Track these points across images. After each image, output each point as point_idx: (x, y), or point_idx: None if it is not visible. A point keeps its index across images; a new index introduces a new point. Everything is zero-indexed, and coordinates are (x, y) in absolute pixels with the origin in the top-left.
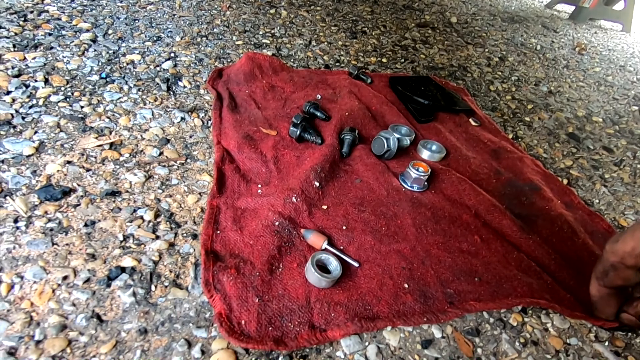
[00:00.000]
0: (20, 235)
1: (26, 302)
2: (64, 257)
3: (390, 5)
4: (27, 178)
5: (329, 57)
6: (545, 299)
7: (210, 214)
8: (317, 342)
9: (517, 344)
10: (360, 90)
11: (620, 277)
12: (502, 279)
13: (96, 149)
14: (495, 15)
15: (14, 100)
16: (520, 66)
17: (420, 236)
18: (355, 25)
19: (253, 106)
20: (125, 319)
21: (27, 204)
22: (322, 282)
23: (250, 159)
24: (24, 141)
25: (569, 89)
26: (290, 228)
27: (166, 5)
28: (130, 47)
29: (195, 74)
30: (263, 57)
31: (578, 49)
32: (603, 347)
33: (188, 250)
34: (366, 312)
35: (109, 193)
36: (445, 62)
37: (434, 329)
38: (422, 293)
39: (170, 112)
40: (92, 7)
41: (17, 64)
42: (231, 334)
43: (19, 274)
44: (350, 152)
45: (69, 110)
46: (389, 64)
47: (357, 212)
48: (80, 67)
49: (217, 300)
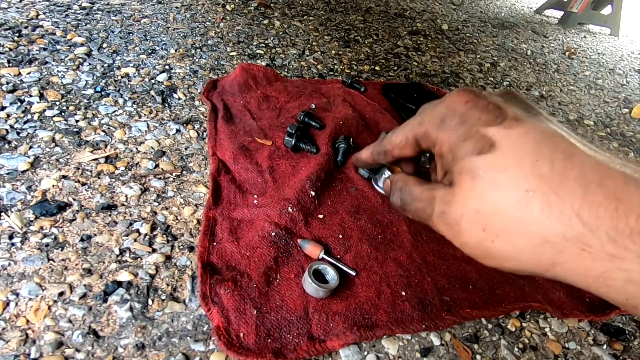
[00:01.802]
0: (16, 252)
1: (22, 320)
2: (59, 273)
3: (382, 14)
4: (22, 193)
5: (323, 67)
6: (537, 301)
7: (207, 225)
8: (317, 353)
9: (516, 350)
10: (354, 98)
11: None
12: (494, 284)
13: (91, 162)
14: (486, 21)
15: (9, 115)
16: (512, 71)
17: (416, 243)
18: (348, 34)
19: (248, 117)
20: (122, 334)
21: (22, 219)
22: (320, 292)
23: (246, 170)
24: (19, 156)
25: (560, 93)
26: (287, 238)
27: (160, 18)
28: (124, 61)
29: (190, 85)
30: (257, 68)
31: (568, 53)
32: (601, 351)
33: (185, 263)
34: (365, 321)
35: (105, 207)
36: (438, 69)
37: (433, 336)
38: (420, 300)
39: (166, 124)
40: (86, 21)
41: (12, 79)
42: (230, 347)
43: (15, 291)
44: (345, 160)
45: (64, 124)
46: (382, 71)
47: (353, 221)
48: (75, 81)
49: (214, 313)
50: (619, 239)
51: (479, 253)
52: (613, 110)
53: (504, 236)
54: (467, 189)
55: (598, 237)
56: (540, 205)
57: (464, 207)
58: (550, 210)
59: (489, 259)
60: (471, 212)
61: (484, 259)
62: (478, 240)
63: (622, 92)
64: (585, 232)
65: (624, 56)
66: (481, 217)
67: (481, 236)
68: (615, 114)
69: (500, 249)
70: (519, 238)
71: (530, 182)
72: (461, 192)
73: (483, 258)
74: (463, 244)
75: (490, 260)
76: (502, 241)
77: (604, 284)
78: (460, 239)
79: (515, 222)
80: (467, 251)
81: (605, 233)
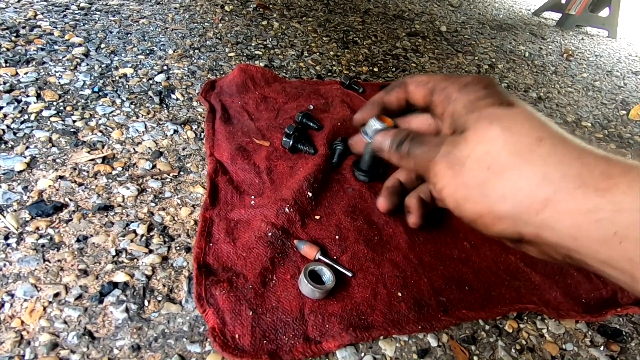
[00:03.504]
0: (11, 253)
1: (16, 321)
2: (55, 274)
3: (380, 16)
4: (18, 194)
5: (321, 68)
6: (533, 303)
7: (203, 226)
8: (313, 354)
9: (513, 351)
10: (352, 99)
11: (393, 98)
12: (490, 286)
13: (88, 163)
14: (484, 23)
15: (6, 115)
16: (510, 73)
17: (412, 244)
18: (347, 36)
19: (246, 117)
20: (118, 335)
21: (18, 220)
22: (316, 293)
23: (243, 170)
24: (15, 157)
25: (557, 94)
26: (284, 239)
27: (159, 18)
28: (122, 61)
29: (188, 86)
30: (255, 69)
31: (566, 55)
32: (599, 352)
33: (181, 264)
34: (361, 321)
35: (102, 207)
36: (436, 70)
37: (430, 337)
38: (416, 301)
39: (163, 124)
40: (84, 21)
41: (9, 79)
42: (225, 349)
43: (9, 292)
44: (341, 161)
45: (61, 124)
46: (381, 73)
47: (350, 221)
48: (72, 82)
49: (210, 315)
50: (615, 176)
51: (474, 194)
52: (610, 112)
53: (509, 173)
54: (481, 133)
55: (593, 176)
56: (548, 149)
57: (473, 149)
58: (555, 154)
59: (481, 200)
60: (480, 153)
61: (475, 203)
62: (478, 180)
63: (620, 94)
64: (583, 172)
65: (621, 58)
66: (488, 158)
67: (483, 176)
68: (612, 116)
69: (499, 186)
70: (521, 176)
71: (542, 132)
72: (474, 135)
73: (475, 201)
74: (459, 185)
75: (482, 201)
76: (505, 178)
77: (593, 220)
78: (459, 179)
79: (523, 162)
80: (460, 194)
81: (601, 172)
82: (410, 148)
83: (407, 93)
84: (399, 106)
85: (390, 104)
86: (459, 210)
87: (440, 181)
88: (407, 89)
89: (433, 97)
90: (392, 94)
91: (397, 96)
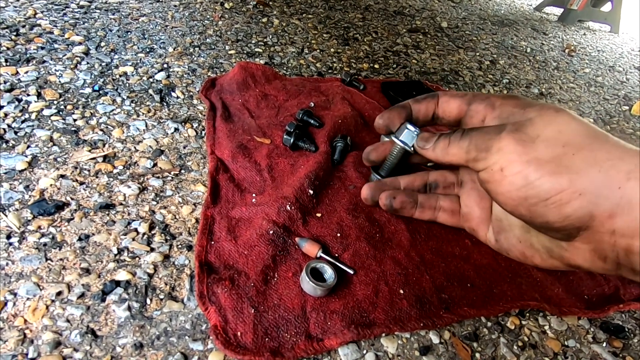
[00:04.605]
0: (14, 252)
1: (19, 320)
2: (57, 273)
3: (381, 12)
4: (19, 193)
5: (322, 65)
6: (535, 299)
7: (204, 224)
8: (315, 352)
9: (516, 348)
10: (353, 96)
11: (423, 108)
12: (492, 283)
13: (89, 162)
14: (485, 19)
15: (6, 114)
16: (511, 69)
17: (414, 241)
18: (347, 32)
19: (246, 115)
20: (121, 333)
21: (20, 219)
22: (317, 290)
23: (244, 168)
24: (16, 156)
25: (559, 90)
26: (285, 237)
27: (158, 16)
28: (123, 59)
29: (189, 84)
30: (256, 66)
31: (568, 51)
32: (601, 348)
33: (183, 262)
34: (362, 319)
35: (103, 206)
36: (437, 67)
37: (432, 334)
38: (418, 298)
39: (164, 123)
40: (84, 20)
41: (10, 78)
42: (227, 346)
43: (12, 290)
44: (342, 159)
45: (62, 123)
46: (382, 69)
47: (352, 219)
48: (73, 80)
49: (212, 313)
50: None
51: (550, 168)
52: (613, 108)
53: (587, 150)
54: (549, 118)
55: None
56: (617, 139)
57: (543, 130)
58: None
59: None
60: (552, 133)
61: (555, 175)
62: (554, 155)
63: (622, 89)
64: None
65: (623, 53)
66: (563, 137)
67: (559, 151)
68: (615, 111)
69: (579, 160)
70: (602, 151)
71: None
72: (541, 119)
73: (554, 173)
74: (531, 160)
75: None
76: (584, 154)
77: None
78: (530, 154)
79: (600, 143)
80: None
81: None
82: (466, 132)
83: (437, 105)
84: (425, 116)
85: (418, 112)
86: (528, 187)
87: (506, 156)
88: (439, 100)
89: (471, 106)
90: (423, 103)
91: (427, 106)
